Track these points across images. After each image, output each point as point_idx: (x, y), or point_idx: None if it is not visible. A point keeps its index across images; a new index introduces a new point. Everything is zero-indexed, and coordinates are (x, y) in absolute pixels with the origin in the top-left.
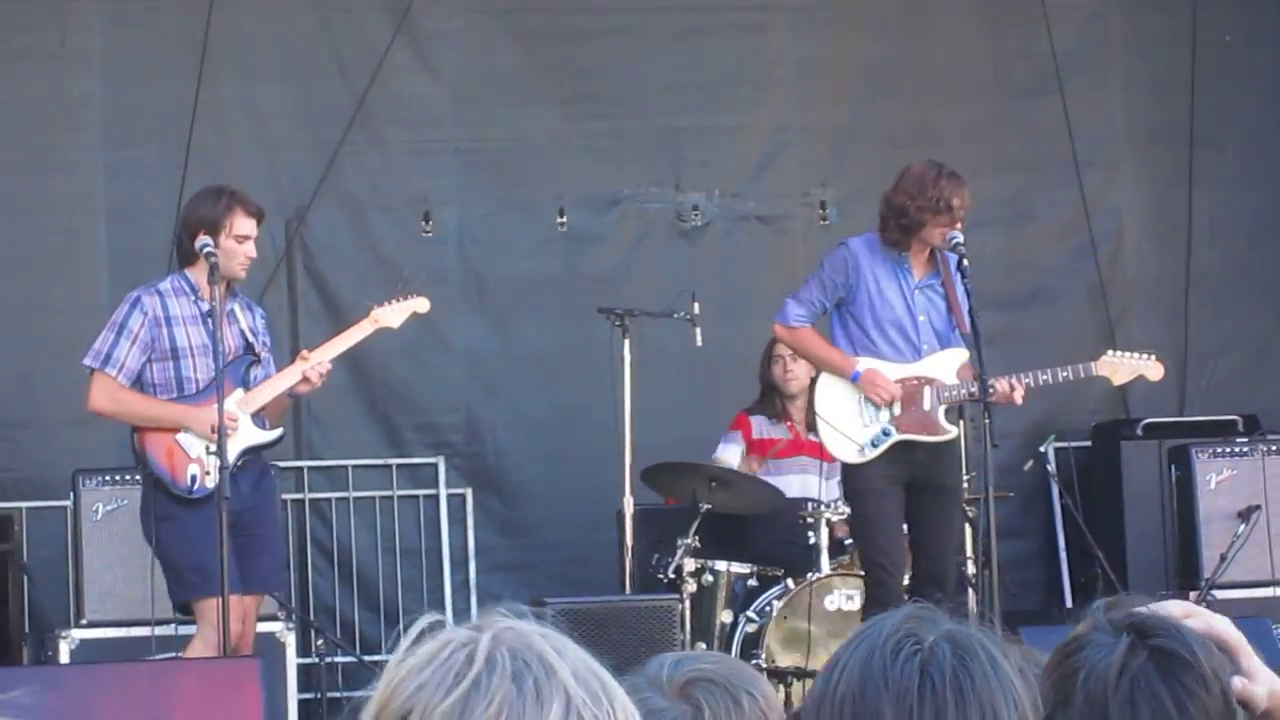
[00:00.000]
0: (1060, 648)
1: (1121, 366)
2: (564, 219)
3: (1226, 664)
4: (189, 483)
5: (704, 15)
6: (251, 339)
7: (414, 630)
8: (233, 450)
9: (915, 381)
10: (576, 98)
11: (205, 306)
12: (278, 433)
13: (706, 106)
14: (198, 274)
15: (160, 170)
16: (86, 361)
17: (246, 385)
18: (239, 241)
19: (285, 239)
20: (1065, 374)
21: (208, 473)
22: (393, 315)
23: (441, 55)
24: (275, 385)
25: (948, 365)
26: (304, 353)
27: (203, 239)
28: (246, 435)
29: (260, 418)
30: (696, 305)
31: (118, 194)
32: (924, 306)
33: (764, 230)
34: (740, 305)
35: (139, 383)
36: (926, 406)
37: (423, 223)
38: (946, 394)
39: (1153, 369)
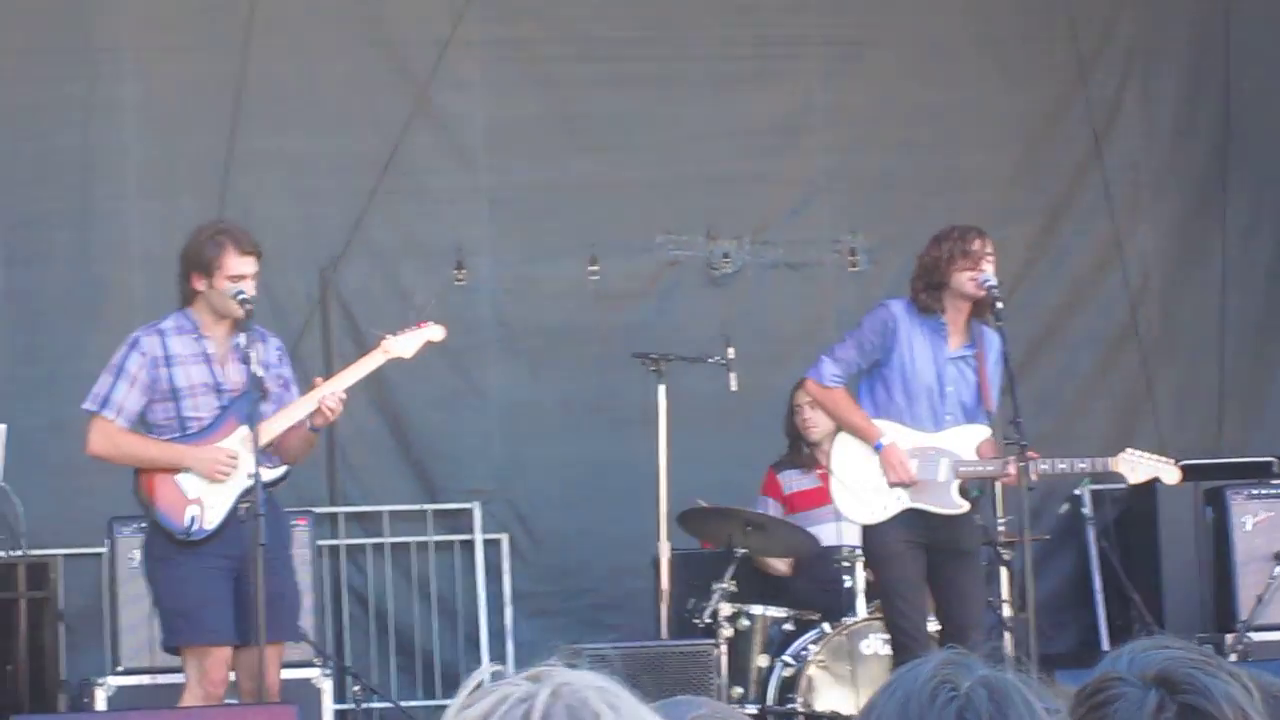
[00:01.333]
0: (1086, 695)
1: (1139, 465)
2: (596, 267)
3: (1253, 714)
4: (187, 524)
5: (734, 63)
6: (261, 372)
7: (472, 680)
8: (234, 491)
9: (933, 452)
10: (607, 146)
11: (207, 345)
12: (281, 470)
13: (736, 154)
14: (199, 312)
15: (195, 219)
16: (85, 405)
17: (251, 423)
18: (234, 281)
19: (320, 287)
20: (1082, 465)
21: (208, 515)
22: (405, 344)
23: (474, 104)
24: (287, 416)
25: (968, 440)
26: (316, 380)
27: (198, 283)
28: (247, 475)
29: (267, 455)
30: (731, 350)
31: (152, 243)
32: (954, 378)
33: (794, 277)
34: (771, 352)
35: (144, 423)
36: (941, 479)
37: (455, 271)
38: (963, 469)
39: (1169, 472)
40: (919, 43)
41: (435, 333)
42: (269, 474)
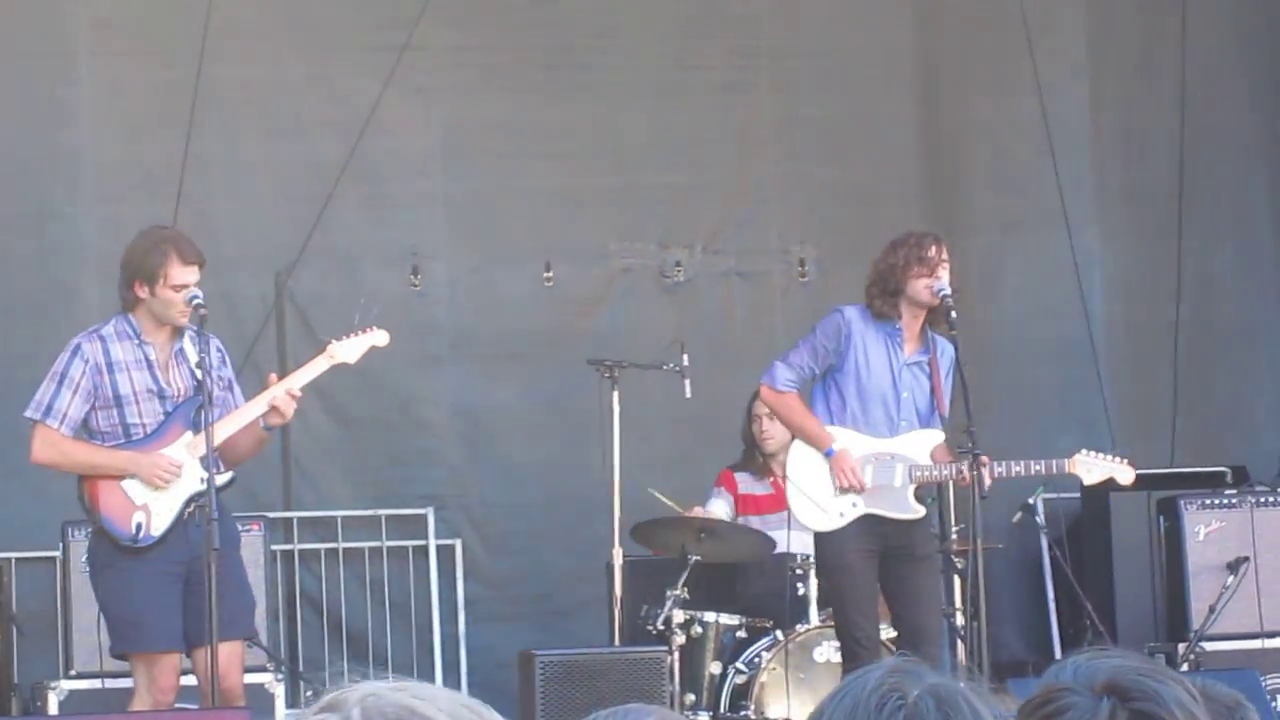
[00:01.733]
0: (1033, 707)
1: (1095, 466)
2: (550, 274)
3: (1201, 716)
4: (133, 531)
5: (687, 73)
6: (206, 378)
7: None
8: (179, 496)
9: (888, 457)
10: (561, 154)
11: (150, 351)
12: (227, 476)
13: (689, 163)
14: (140, 317)
15: (150, 223)
16: (27, 414)
17: (196, 428)
18: (176, 290)
19: (275, 290)
20: (1038, 467)
21: (154, 522)
22: (349, 350)
23: (430, 109)
24: (237, 419)
25: (923, 445)
26: (271, 376)
27: (140, 291)
28: (194, 480)
29: (214, 460)
30: (686, 357)
31: (107, 247)
32: (909, 383)
33: (745, 286)
34: (722, 360)
35: (87, 430)
36: (896, 484)
37: (411, 276)
38: (918, 473)
39: (1123, 472)
40: (869, 54)
41: (380, 338)
42: (218, 479)
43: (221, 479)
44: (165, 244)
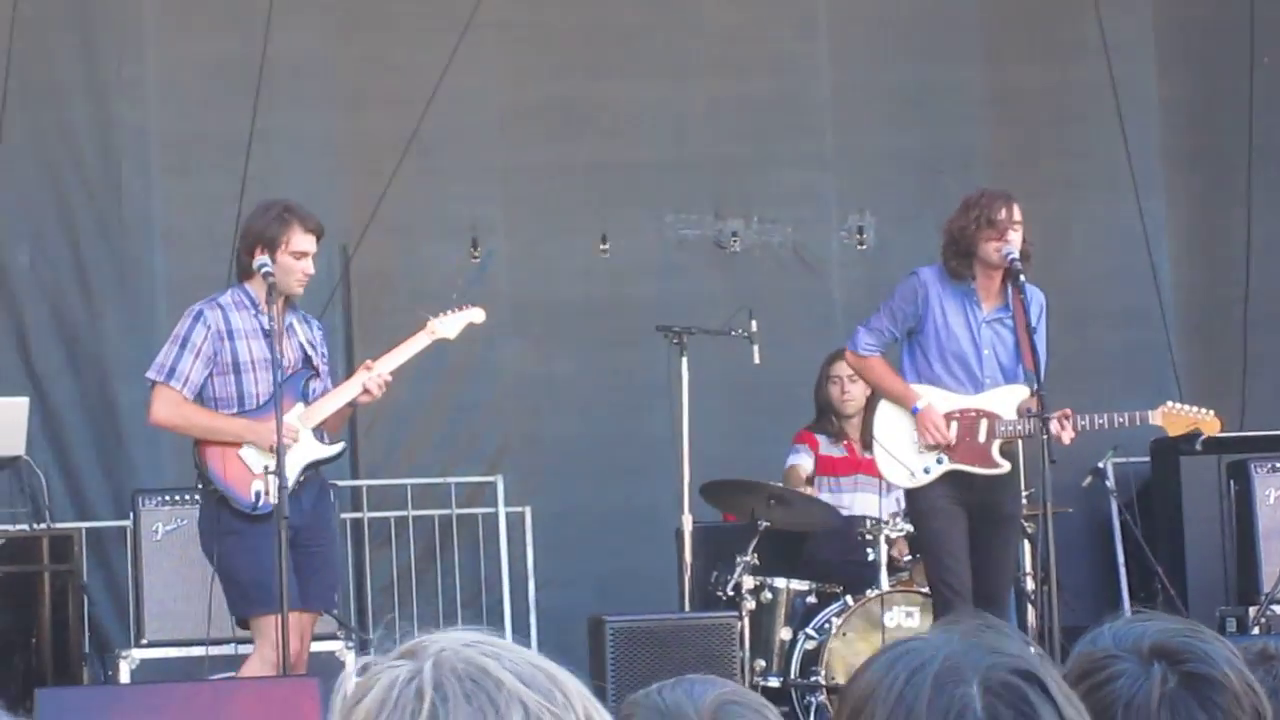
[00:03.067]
0: (1078, 676)
1: (1179, 418)
2: (606, 245)
3: (1252, 679)
4: (253, 498)
5: (741, 44)
6: (310, 352)
7: (351, 675)
8: (294, 465)
9: (973, 414)
10: (618, 126)
11: (266, 321)
12: (339, 447)
13: (744, 133)
14: (257, 288)
15: (216, 197)
16: (150, 375)
17: (306, 399)
18: (296, 258)
19: (341, 264)
20: (1121, 420)
21: (270, 490)
22: (449, 326)
23: (489, 84)
24: (336, 398)
25: (1008, 400)
26: (367, 362)
27: (260, 257)
28: (307, 450)
29: (320, 432)
30: (754, 323)
31: (174, 220)
32: (990, 340)
33: (802, 256)
34: (780, 329)
35: (200, 397)
36: (981, 439)
37: (471, 248)
38: (1003, 429)
39: (1210, 423)
40: (931, 20)
41: (477, 315)
42: (327, 450)
43: (334, 449)
44: (286, 211)
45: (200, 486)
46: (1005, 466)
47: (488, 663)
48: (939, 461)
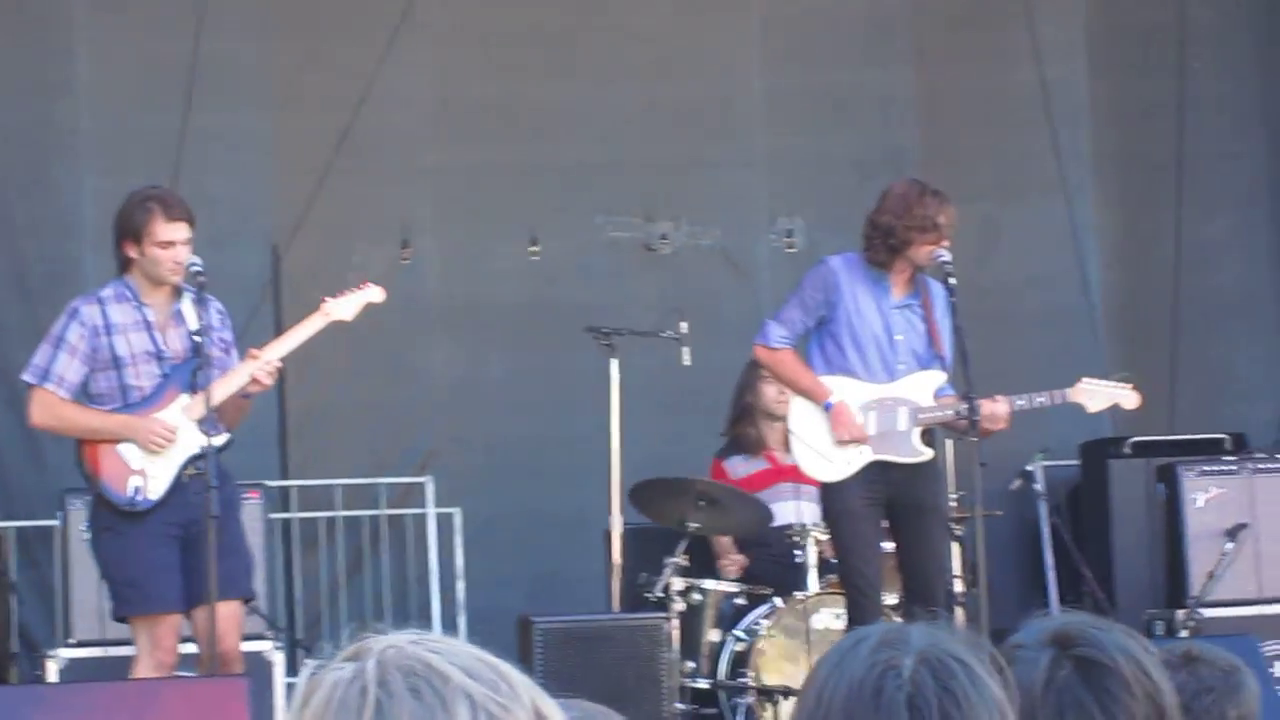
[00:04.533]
0: (997, 664)
1: (1097, 393)
2: (537, 246)
3: (1151, 668)
4: (131, 494)
5: (672, 46)
6: (200, 339)
7: (302, 680)
8: (176, 460)
9: (890, 402)
10: (549, 127)
11: (148, 313)
12: (224, 438)
13: (675, 136)
14: (137, 279)
15: None
16: (25, 377)
17: (192, 390)
18: (163, 248)
19: (272, 264)
20: (1041, 399)
21: (151, 485)
22: (345, 306)
23: (422, 85)
24: (224, 387)
25: (924, 386)
26: (252, 350)
27: (136, 249)
28: (190, 443)
29: (213, 422)
30: (684, 325)
31: (105, 221)
32: (902, 326)
33: (732, 258)
34: (710, 332)
35: (86, 394)
36: (901, 428)
37: (401, 249)
38: (922, 416)
39: (1128, 397)
40: (863, 22)
41: (375, 294)
42: (215, 440)
43: (219, 440)
44: (150, 201)
45: (87, 485)
46: (928, 453)
47: (432, 658)
48: (860, 453)
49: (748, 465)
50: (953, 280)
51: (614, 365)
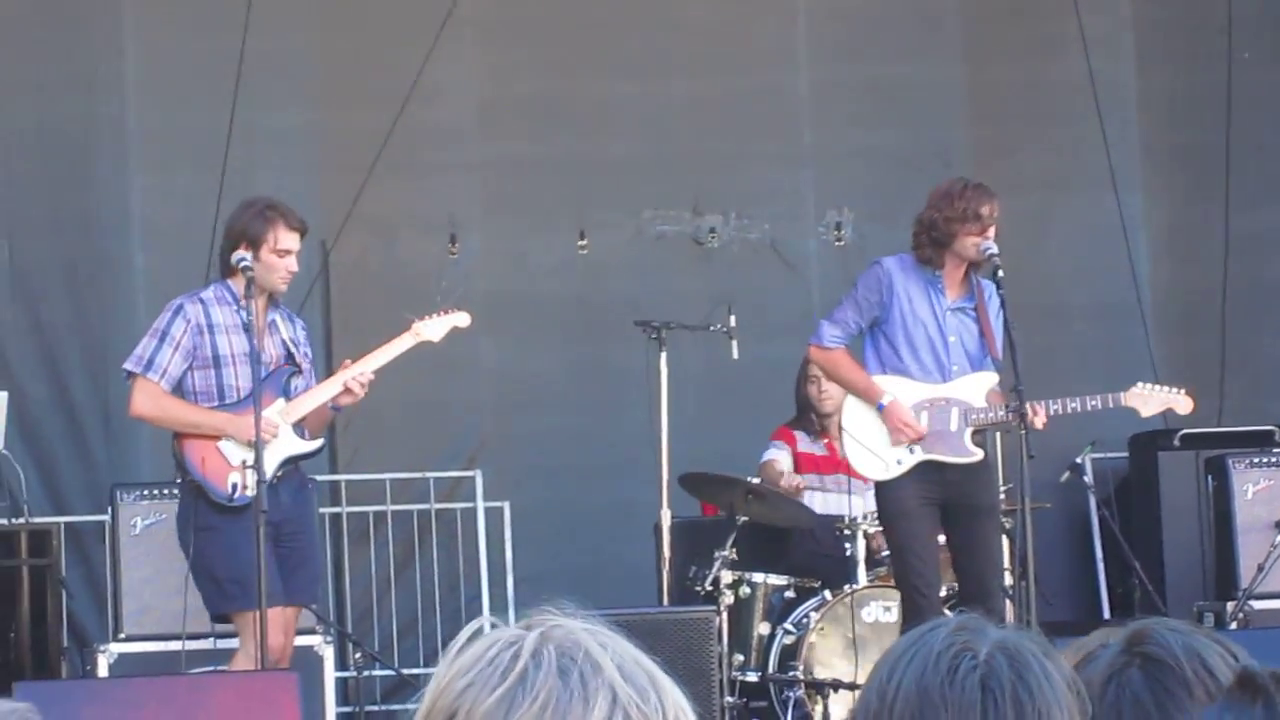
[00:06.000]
0: (1073, 666)
1: (1151, 398)
2: (584, 241)
3: (1220, 673)
4: (229, 491)
5: (720, 40)
6: (293, 349)
7: (466, 631)
8: (273, 460)
9: (943, 403)
10: (597, 121)
11: (246, 316)
12: (318, 443)
13: (723, 130)
14: (239, 284)
15: (195, 193)
16: (128, 366)
17: (288, 395)
18: (280, 256)
19: (320, 260)
20: (1094, 403)
21: (248, 482)
22: (434, 329)
23: (468, 80)
24: (317, 395)
25: (977, 388)
26: (346, 362)
27: (241, 252)
28: (286, 445)
29: (300, 428)
30: (733, 318)
31: (153, 217)
32: (955, 328)
33: (780, 252)
34: (757, 325)
35: (180, 390)
36: (953, 428)
37: (449, 245)
38: (974, 417)
39: (1182, 402)
40: (911, 15)
41: (462, 319)
42: (306, 446)
43: (312, 445)
44: (270, 209)
45: (179, 479)
46: (978, 454)
47: (592, 646)
48: (911, 452)
49: (810, 445)
50: (1000, 272)
51: (662, 359)
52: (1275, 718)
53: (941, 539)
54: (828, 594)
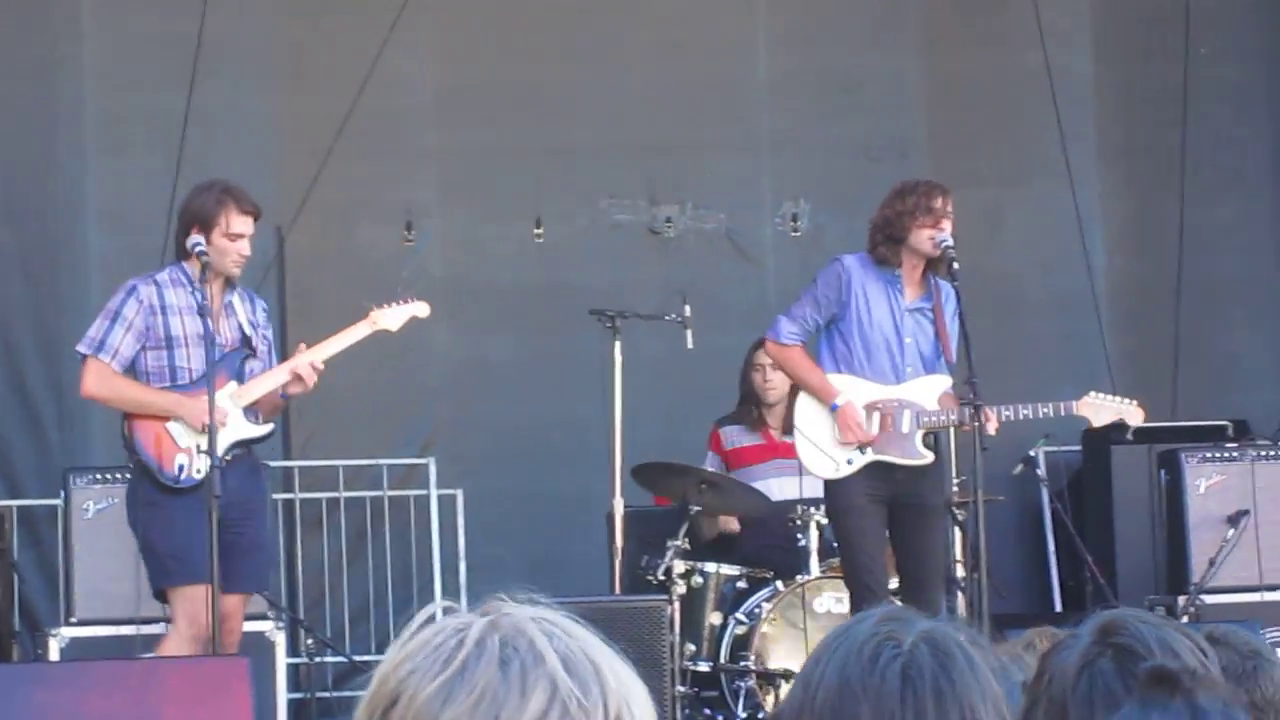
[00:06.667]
0: (1041, 657)
1: (1103, 408)
2: (540, 229)
3: (1189, 657)
4: (176, 471)
5: (677, 29)
6: (250, 331)
7: (421, 616)
8: (222, 444)
9: (895, 404)
10: (553, 110)
11: (201, 299)
12: (268, 428)
13: (680, 119)
14: (194, 267)
15: (151, 176)
16: (80, 348)
17: (241, 379)
18: (231, 239)
19: (275, 245)
20: (1045, 410)
21: (196, 464)
22: (392, 318)
23: (425, 66)
24: (270, 380)
25: (929, 390)
26: (301, 345)
27: (195, 236)
28: (236, 429)
29: (253, 411)
30: (688, 308)
31: (108, 199)
32: (912, 329)
33: (736, 242)
34: (713, 315)
35: (132, 370)
36: (904, 430)
37: (405, 232)
38: (926, 419)
39: (1133, 413)
40: (868, 6)
41: (421, 309)
42: (256, 430)
43: (263, 429)
44: (224, 193)
45: (128, 458)
46: (929, 457)
47: (537, 637)
48: (862, 452)
49: (743, 437)
50: (956, 265)
51: (617, 348)
52: (1197, 712)
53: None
54: (780, 584)
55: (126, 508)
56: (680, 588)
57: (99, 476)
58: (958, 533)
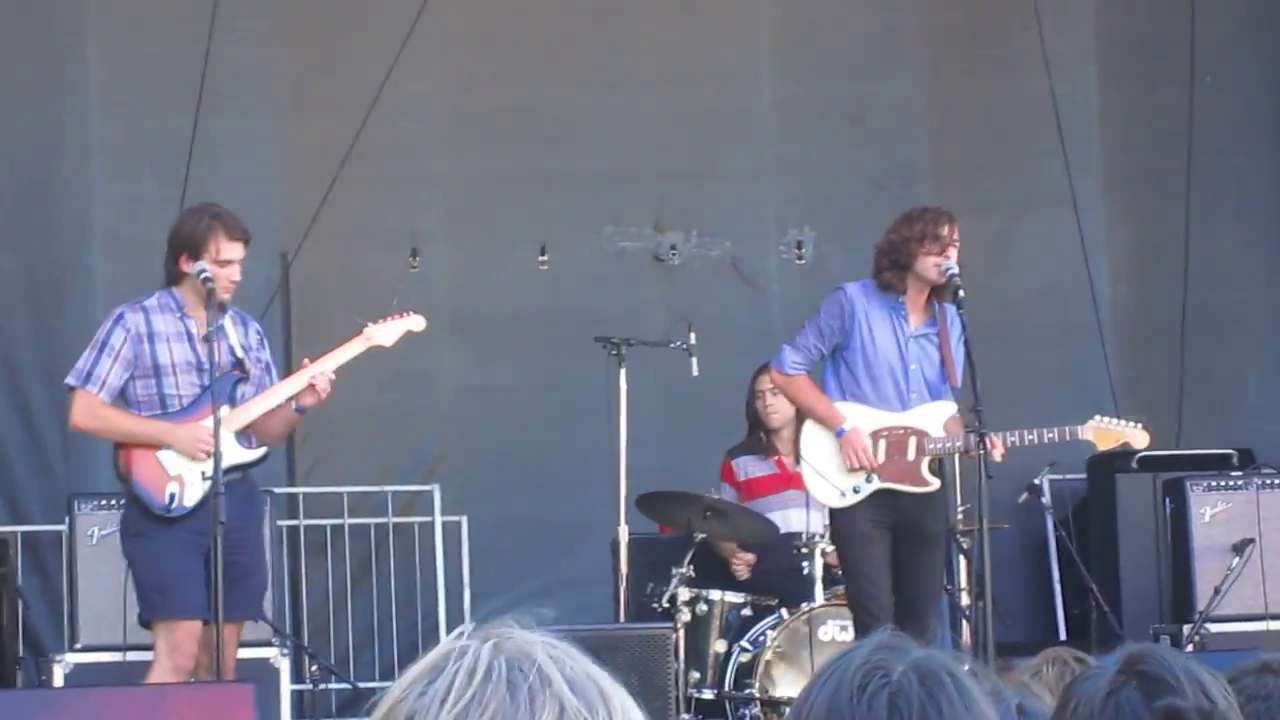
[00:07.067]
0: (1065, 687)
1: (1109, 432)
2: (545, 256)
3: (1215, 693)
4: (167, 501)
5: (683, 56)
6: (242, 355)
7: (440, 648)
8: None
9: (901, 431)
10: (559, 137)
11: (191, 325)
12: (260, 452)
13: (686, 147)
14: (184, 292)
15: (157, 202)
16: (68, 380)
17: (233, 402)
18: (221, 265)
19: (280, 271)
20: (1051, 435)
21: (188, 492)
22: (386, 333)
23: (432, 94)
24: (263, 402)
25: (935, 417)
26: (305, 361)
27: (189, 264)
28: (229, 454)
29: (246, 436)
30: (693, 335)
31: (115, 225)
32: (917, 355)
33: (741, 269)
34: (718, 342)
35: (123, 399)
36: (910, 457)
37: (410, 258)
38: (931, 446)
39: (1139, 436)
40: (874, 34)
41: (416, 323)
42: (249, 455)
43: (254, 454)
44: (213, 219)
45: (123, 488)
46: (934, 484)
47: (544, 659)
48: (868, 480)
49: (757, 467)
50: (962, 293)
51: (622, 375)
52: None
53: None
54: (784, 612)
55: (119, 537)
56: (685, 615)
57: (104, 502)
58: (962, 561)
